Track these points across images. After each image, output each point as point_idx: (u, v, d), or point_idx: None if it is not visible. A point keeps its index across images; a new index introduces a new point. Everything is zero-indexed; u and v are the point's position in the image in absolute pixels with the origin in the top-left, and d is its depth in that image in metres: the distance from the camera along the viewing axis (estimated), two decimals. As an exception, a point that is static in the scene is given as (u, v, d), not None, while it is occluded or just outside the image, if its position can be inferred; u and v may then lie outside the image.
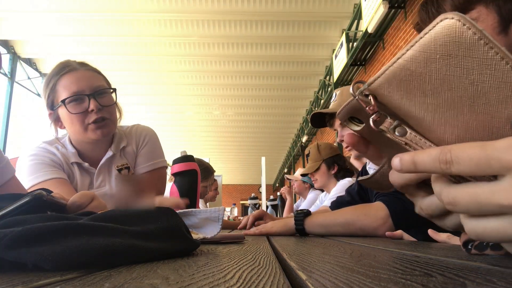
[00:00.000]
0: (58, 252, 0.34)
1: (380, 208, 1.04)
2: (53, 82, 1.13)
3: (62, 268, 0.33)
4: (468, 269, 0.34)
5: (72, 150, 1.17)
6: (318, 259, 0.45)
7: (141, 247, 0.41)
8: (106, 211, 0.47)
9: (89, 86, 1.11)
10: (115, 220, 0.44)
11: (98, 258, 0.36)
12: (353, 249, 0.59)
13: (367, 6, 4.91)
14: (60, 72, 1.13)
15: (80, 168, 1.18)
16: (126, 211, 0.49)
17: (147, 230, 0.45)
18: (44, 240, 0.35)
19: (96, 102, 1.09)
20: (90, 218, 0.44)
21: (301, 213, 1.17)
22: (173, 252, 0.46)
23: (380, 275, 0.30)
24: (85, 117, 1.10)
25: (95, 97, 1.10)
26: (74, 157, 1.16)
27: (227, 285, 0.27)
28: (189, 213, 0.61)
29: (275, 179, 20.45)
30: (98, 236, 0.38)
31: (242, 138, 12.67)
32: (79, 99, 1.10)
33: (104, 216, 0.45)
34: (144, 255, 0.41)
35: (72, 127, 1.12)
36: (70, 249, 0.34)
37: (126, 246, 0.39)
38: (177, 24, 6.46)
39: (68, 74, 1.12)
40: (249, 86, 8.86)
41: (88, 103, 1.09)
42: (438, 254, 0.50)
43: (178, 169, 1.02)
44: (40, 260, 0.33)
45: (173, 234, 0.48)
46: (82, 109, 1.09)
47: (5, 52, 7.11)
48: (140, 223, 0.46)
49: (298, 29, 6.61)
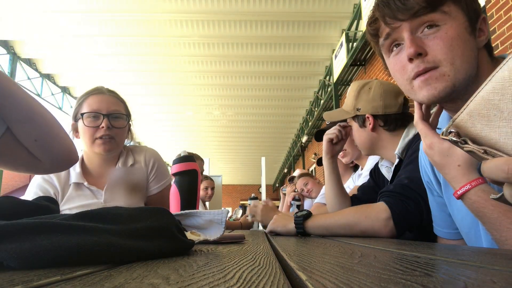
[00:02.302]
0: (26, 250, 0.33)
1: (382, 210, 1.03)
2: (82, 99, 1.35)
3: (29, 266, 0.33)
4: (468, 269, 0.34)
5: (77, 170, 1.34)
6: (318, 259, 0.45)
7: (120, 245, 0.40)
8: (96, 209, 0.47)
9: (107, 108, 1.32)
10: (102, 218, 0.44)
11: (69, 257, 0.35)
12: (353, 249, 0.59)
13: (367, 6, 4.91)
14: (90, 92, 1.36)
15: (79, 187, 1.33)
16: (119, 209, 0.48)
17: (132, 229, 0.44)
18: (14, 238, 0.34)
19: (108, 122, 1.30)
20: (71, 216, 0.43)
21: (301, 216, 1.16)
22: (157, 252, 0.45)
23: (380, 275, 0.30)
24: (95, 132, 1.30)
25: (109, 118, 1.30)
26: (75, 178, 1.33)
27: (227, 285, 0.27)
28: (193, 214, 0.61)
29: (275, 179, 20.45)
30: (72, 234, 0.38)
31: (242, 138, 12.67)
32: (96, 116, 1.30)
33: (90, 214, 0.45)
34: (124, 253, 0.40)
35: (84, 138, 1.32)
36: (39, 247, 0.34)
37: (102, 245, 0.38)
38: (177, 24, 6.46)
39: (95, 95, 1.34)
40: (249, 86, 8.86)
41: (101, 121, 1.30)
42: (438, 254, 0.50)
43: (178, 169, 1.02)
44: (6, 258, 0.32)
45: (160, 234, 0.47)
46: (95, 124, 1.30)
47: (5, 53, 7.12)
48: (128, 222, 0.45)
49: (298, 29, 6.61)
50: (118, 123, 1.33)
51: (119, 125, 1.33)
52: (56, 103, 9.08)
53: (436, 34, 0.69)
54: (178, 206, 1.00)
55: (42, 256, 0.34)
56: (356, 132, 1.37)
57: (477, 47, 0.70)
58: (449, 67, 0.67)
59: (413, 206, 1.01)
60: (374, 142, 1.33)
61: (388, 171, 1.34)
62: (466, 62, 0.67)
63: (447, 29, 0.68)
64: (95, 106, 1.30)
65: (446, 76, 0.68)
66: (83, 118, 1.30)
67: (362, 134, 1.34)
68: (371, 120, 1.31)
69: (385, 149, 1.32)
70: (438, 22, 0.69)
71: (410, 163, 1.11)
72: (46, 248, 0.34)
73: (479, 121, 0.38)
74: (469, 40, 0.68)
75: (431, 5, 0.69)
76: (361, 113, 1.33)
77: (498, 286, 0.25)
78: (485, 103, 0.37)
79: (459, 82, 0.67)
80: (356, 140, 1.39)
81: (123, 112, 1.37)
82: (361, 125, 1.34)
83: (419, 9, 0.69)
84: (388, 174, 1.35)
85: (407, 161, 1.14)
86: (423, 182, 0.94)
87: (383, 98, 1.30)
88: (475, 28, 0.70)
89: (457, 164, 0.65)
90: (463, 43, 0.68)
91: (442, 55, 0.68)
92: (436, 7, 0.69)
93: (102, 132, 1.29)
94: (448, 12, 0.69)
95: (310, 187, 3.09)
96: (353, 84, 1.40)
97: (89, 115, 1.30)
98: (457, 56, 0.67)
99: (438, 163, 0.68)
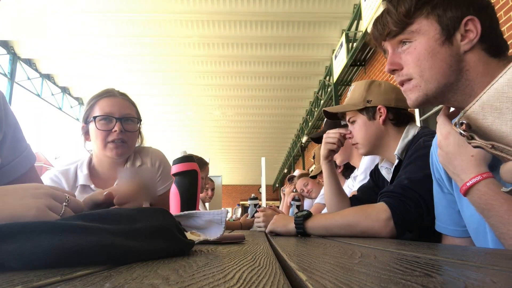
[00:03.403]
0: (26, 251, 0.33)
1: (382, 210, 1.02)
2: (94, 101, 1.33)
3: (30, 267, 0.33)
4: (468, 269, 0.34)
5: (85, 172, 1.33)
6: (318, 259, 0.45)
7: (121, 246, 0.40)
8: (97, 210, 0.47)
9: (120, 112, 1.31)
10: (103, 219, 0.44)
11: (69, 257, 0.35)
12: (353, 249, 0.59)
13: (367, 6, 4.92)
14: (102, 95, 1.34)
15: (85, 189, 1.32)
16: (118, 210, 0.48)
17: (132, 229, 0.44)
18: (15, 239, 0.34)
19: (121, 126, 1.29)
20: (72, 217, 0.44)
21: (301, 216, 1.16)
22: (158, 252, 0.45)
23: (380, 275, 0.30)
24: (107, 135, 1.29)
25: (122, 121, 1.29)
26: (83, 180, 1.31)
27: (227, 285, 0.27)
28: (193, 215, 0.61)
29: (275, 179, 20.44)
30: (72, 235, 0.38)
31: (242, 138, 12.67)
32: (108, 120, 1.29)
33: (91, 214, 0.45)
34: (124, 253, 0.40)
35: (96, 141, 1.31)
36: (39, 247, 0.34)
37: (102, 245, 0.38)
38: (177, 25, 6.47)
39: (106, 98, 1.33)
40: (249, 87, 8.86)
41: (114, 125, 1.29)
42: (438, 254, 0.50)
43: (178, 169, 1.02)
44: (6, 259, 0.32)
45: (160, 234, 0.47)
46: (107, 128, 1.29)
47: (5, 53, 7.12)
48: (129, 222, 0.45)
49: (298, 30, 6.61)
50: (130, 126, 1.33)
51: (131, 129, 1.33)
52: (56, 103, 9.08)
53: (408, 50, 0.79)
54: (178, 207, 0.99)
55: (43, 256, 0.34)
56: (363, 126, 1.32)
57: (457, 53, 0.74)
58: (419, 79, 0.77)
59: (413, 207, 1.00)
60: (381, 137, 1.30)
61: (388, 172, 1.34)
62: (436, 73, 0.75)
63: (416, 45, 0.78)
64: (107, 110, 1.29)
65: (418, 87, 0.77)
66: (96, 121, 1.28)
67: (370, 128, 1.30)
68: (383, 111, 1.28)
69: (388, 147, 1.30)
70: (410, 39, 0.79)
71: (410, 164, 1.11)
72: (46, 249, 0.34)
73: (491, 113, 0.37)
74: (440, 51, 0.76)
75: (400, 27, 0.80)
76: (372, 105, 1.30)
77: (498, 286, 0.25)
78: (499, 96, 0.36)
79: (431, 91, 0.76)
80: (361, 135, 1.33)
81: (135, 115, 1.37)
82: (371, 118, 1.30)
83: (390, 32, 0.81)
84: (388, 175, 1.34)
85: (407, 162, 1.14)
86: (433, 179, 0.93)
87: (395, 92, 1.30)
88: (451, 35, 0.75)
89: (470, 154, 0.68)
90: (432, 56, 0.75)
91: (412, 69, 0.78)
92: (404, 28, 0.79)
93: (114, 136, 1.28)
94: (417, 30, 0.78)
95: (310, 188, 3.09)
96: (359, 82, 1.39)
97: (101, 118, 1.28)
98: (425, 69, 0.76)
99: (451, 153, 0.71)
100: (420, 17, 0.78)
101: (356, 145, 1.37)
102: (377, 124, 1.29)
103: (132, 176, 1.35)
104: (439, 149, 0.74)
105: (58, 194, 0.51)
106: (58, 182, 1.31)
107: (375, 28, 0.87)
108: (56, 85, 8.81)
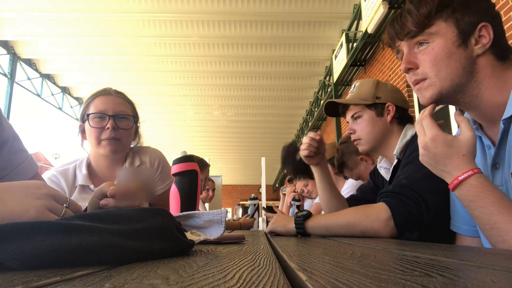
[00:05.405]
0: (26, 251, 0.33)
1: (382, 210, 1.02)
2: (90, 100, 1.34)
3: (30, 267, 0.33)
4: (468, 269, 0.34)
5: (84, 172, 1.33)
6: (318, 259, 0.45)
7: (120, 246, 0.40)
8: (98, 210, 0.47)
9: (113, 109, 1.31)
10: (102, 219, 0.44)
11: (69, 257, 0.35)
12: (353, 249, 0.59)
13: (367, 7, 4.91)
14: (97, 94, 1.35)
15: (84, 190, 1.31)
16: (119, 210, 0.48)
17: (132, 229, 0.44)
18: (15, 239, 0.34)
19: (114, 123, 1.28)
20: (74, 217, 0.43)
21: (301, 216, 1.16)
22: (157, 252, 0.45)
23: (380, 275, 0.30)
24: (101, 133, 1.29)
25: (115, 119, 1.29)
26: (82, 180, 1.31)
27: (227, 285, 0.27)
28: (193, 215, 0.61)
29: (275, 179, 20.43)
30: (72, 235, 0.38)
31: (242, 138, 12.66)
32: (101, 117, 1.29)
33: (90, 214, 0.45)
34: (124, 253, 0.40)
35: (90, 139, 1.31)
36: (39, 247, 0.34)
37: (102, 245, 0.38)
38: (177, 25, 6.46)
39: (101, 96, 1.33)
40: (249, 87, 8.86)
41: (107, 122, 1.28)
42: (438, 254, 0.49)
43: (178, 169, 1.02)
44: (6, 259, 0.32)
45: (160, 234, 0.47)
46: (100, 125, 1.29)
47: (5, 53, 7.12)
48: (128, 222, 0.45)
49: (298, 30, 6.61)
50: (124, 124, 1.32)
51: (125, 126, 1.32)
52: (56, 104, 9.07)
53: (425, 50, 0.83)
54: (178, 207, 0.99)
55: (43, 256, 0.34)
56: (370, 122, 1.31)
57: (471, 55, 0.79)
58: (434, 78, 0.81)
59: (413, 206, 1.00)
60: (385, 135, 1.30)
61: (387, 172, 1.34)
62: (451, 73, 0.80)
63: (434, 46, 0.82)
64: (101, 107, 1.30)
65: (433, 85, 0.82)
66: (89, 119, 1.29)
67: (377, 124, 1.30)
68: (391, 109, 1.29)
69: (389, 146, 1.30)
70: (428, 40, 0.83)
71: (408, 163, 1.11)
72: (46, 249, 0.34)
73: None
74: (456, 53, 0.80)
75: (419, 28, 0.83)
76: (382, 101, 1.30)
77: (498, 286, 0.25)
78: None
79: (445, 89, 0.81)
80: (367, 130, 1.31)
81: (130, 113, 1.36)
82: (379, 114, 1.30)
83: (409, 32, 0.84)
84: (386, 175, 1.34)
85: (406, 161, 1.14)
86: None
87: (400, 92, 1.33)
88: (467, 39, 0.79)
89: (462, 153, 0.73)
90: (448, 57, 0.80)
91: (428, 68, 0.82)
92: (424, 30, 0.83)
93: (108, 133, 1.28)
94: (435, 31, 0.81)
95: (310, 188, 3.08)
96: (364, 79, 1.38)
97: (95, 116, 1.29)
98: (441, 68, 0.80)
99: (440, 154, 0.75)
100: (439, 20, 0.81)
101: (358, 141, 1.34)
102: (384, 121, 1.30)
103: (131, 176, 1.34)
104: (423, 150, 0.78)
105: (60, 195, 0.51)
106: (57, 182, 1.31)
107: (392, 27, 0.89)
108: (56, 85, 8.80)
